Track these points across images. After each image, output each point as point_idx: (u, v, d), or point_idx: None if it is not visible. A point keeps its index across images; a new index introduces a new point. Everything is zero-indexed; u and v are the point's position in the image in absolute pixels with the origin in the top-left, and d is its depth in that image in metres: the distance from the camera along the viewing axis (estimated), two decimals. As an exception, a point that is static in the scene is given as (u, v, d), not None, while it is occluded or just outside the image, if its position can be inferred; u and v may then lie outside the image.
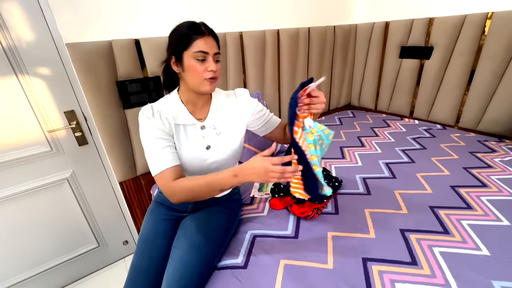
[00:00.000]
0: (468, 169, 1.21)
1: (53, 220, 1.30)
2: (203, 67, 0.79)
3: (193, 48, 0.77)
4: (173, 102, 0.88)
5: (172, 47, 0.80)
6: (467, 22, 1.52)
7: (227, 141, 0.91)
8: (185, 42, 0.77)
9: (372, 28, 1.99)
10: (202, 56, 0.78)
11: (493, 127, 1.57)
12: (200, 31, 0.78)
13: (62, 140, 1.22)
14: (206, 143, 0.89)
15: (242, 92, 0.97)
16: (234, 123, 0.94)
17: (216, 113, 0.91)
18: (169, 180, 0.78)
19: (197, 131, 0.88)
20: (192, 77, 0.80)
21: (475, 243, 0.81)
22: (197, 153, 0.88)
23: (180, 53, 0.79)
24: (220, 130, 0.91)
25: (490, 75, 1.51)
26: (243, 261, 0.83)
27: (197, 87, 0.82)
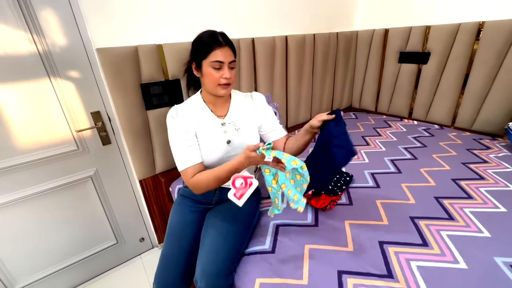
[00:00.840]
0: (466, 164, 1.32)
1: (76, 217, 1.36)
2: (219, 74, 0.89)
3: (210, 57, 0.88)
4: (196, 103, 0.99)
5: (193, 54, 0.92)
6: (461, 30, 1.65)
7: (245, 136, 1.01)
8: (204, 52, 0.88)
9: (372, 35, 2.11)
10: (218, 65, 0.89)
11: (486, 127, 1.70)
12: (218, 42, 0.88)
13: (88, 140, 1.28)
14: (227, 137, 0.98)
15: (258, 95, 1.07)
16: (250, 120, 1.04)
17: (234, 111, 1.01)
18: (191, 176, 0.92)
19: (218, 127, 0.98)
20: (208, 82, 0.92)
21: (477, 227, 0.91)
22: (219, 147, 0.97)
23: (199, 61, 0.90)
24: (239, 126, 1.01)
25: (483, 79, 1.64)
26: (270, 246, 0.91)
27: (213, 91, 0.93)
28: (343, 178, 1.20)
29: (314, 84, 2.08)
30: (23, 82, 1.07)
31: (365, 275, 0.76)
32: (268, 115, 1.07)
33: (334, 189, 1.12)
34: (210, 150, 0.96)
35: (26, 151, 1.14)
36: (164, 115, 1.37)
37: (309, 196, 1.10)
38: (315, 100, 2.15)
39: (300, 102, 2.03)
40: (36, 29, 1.04)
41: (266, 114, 1.06)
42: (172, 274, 0.96)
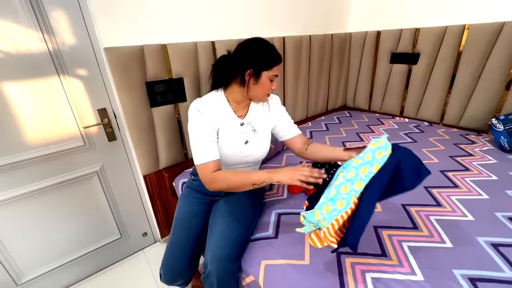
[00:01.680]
0: (453, 157, 1.41)
1: (82, 212, 1.39)
2: (271, 85, 0.97)
3: (272, 71, 0.94)
4: (219, 101, 1.01)
5: (255, 62, 0.91)
6: (448, 32, 1.75)
7: (261, 137, 1.07)
8: (268, 64, 0.92)
9: (365, 37, 2.21)
10: (274, 78, 0.96)
11: (472, 123, 1.80)
12: (279, 59, 0.95)
13: (94, 136, 1.32)
14: (245, 138, 1.03)
15: (275, 99, 1.13)
16: (266, 122, 1.09)
17: (253, 113, 1.06)
18: (211, 171, 0.92)
19: (237, 127, 1.02)
20: (261, 92, 0.97)
21: (462, 212, 1.00)
22: (237, 147, 1.02)
23: (260, 71, 0.92)
24: (256, 128, 1.06)
25: (469, 78, 1.74)
26: (273, 233, 0.98)
27: (257, 98, 1.00)
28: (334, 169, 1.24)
29: (310, 84, 2.16)
30: (34, 79, 1.11)
31: (361, 255, 0.84)
32: (282, 116, 1.13)
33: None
34: (228, 149, 1.00)
35: (35, 146, 1.17)
36: (167, 112, 1.43)
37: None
38: (311, 100, 2.23)
39: (296, 101, 2.10)
40: (47, 29, 1.08)
41: (280, 116, 1.12)
42: (179, 260, 1.02)
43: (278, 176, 0.86)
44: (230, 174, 0.91)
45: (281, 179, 0.85)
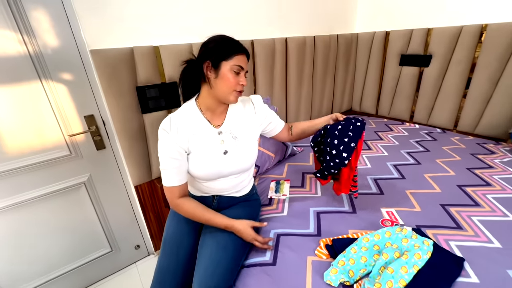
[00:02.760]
0: (471, 170, 1.28)
1: (68, 225, 1.30)
2: (236, 80, 0.85)
3: (233, 61, 0.83)
4: (191, 112, 0.91)
5: (211, 52, 0.83)
6: (463, 33, 1.63)
7: (243, 145, 0.96)
8: (227, 53, 0.83)
9: (373, 37, 2.09)
10: (238, 70, 0.85)
11: (489, 130, 1.67)
12: (242, 49, 0.85)
13: (81, 144, 1.23)
14: (224, 148, 0.93)
15: (257, 98, 1.04)
16: (249, 127, 0.99)
17: (232, 119, 0.96)
18: (176, 196, 0.90)
19: (215, 137, 0.92)
20: (224, 86, 0.85)
21: (486, 237, 0.88)
22: (215, 158, 0.92)
23: (218, 61, 0.83)
24: (236, 135, 0.95)
25: (486, 83, 1.61)
26: (271, 258, 0.87)
27: (225, 96, 0.87)
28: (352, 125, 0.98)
29: (314, 87, 2.05)
30: (12, 84, 1.02)
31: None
32: (267, 114, 1.05)
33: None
34: (206, 162, 0.91)
35: (16, 156, 1.09)
36: (160, 118, 1.33)
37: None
38: (315, 103, 2.12)
39: (300, 105, 1.99)
40: (27, 29, 0.99)
41: (265, 118, 1.04)
42: (169, 286, 0.91)
43: (237, 232, 0.89)
44: (194, 210, 0.90)
45: (239, 235, 0.90)
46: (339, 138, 0.92)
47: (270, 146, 1.44)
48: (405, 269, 0.74)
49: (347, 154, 0.91)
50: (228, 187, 0.99)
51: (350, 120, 0.94)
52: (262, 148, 1.42)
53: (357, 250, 0.82)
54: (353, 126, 0.92)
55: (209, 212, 0.91)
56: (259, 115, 1.02)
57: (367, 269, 0.78)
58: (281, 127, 1.09)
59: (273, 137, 1.12)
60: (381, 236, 0.86)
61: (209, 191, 1.00)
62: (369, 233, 0.88)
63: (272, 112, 1.08)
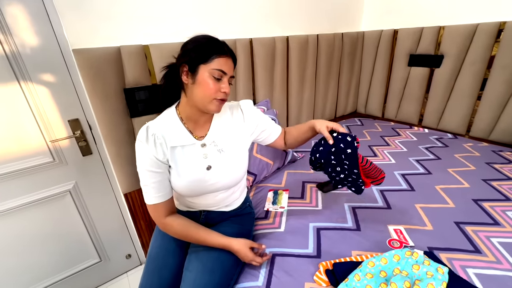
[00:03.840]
0: (487, 181, 1.17)
1: (54, 234, 1.23)
2: (217, 86, 0.74)
3: (212, 64, 0.72)
4: (170, 121, 0.80)
5: (188, 55, 0.73)
6: (479, 31, 1.51)
7: (229, 159, 0.85)
8: (205, 55, 0.72)
9: (380, 36, 1.97)
10: (219, 75, 0.73)
11: (506, 137, 1.55)
12: (223, 50, 0.73)
13: (65, 150, 1.15)
14: (207, 163, 0.82)
15: (247, 104, 0.92)
16: (237, 138, 0.88)
17: (217, 129, 0.85)
18: (162, 215, 0.82)
19: (197, 150, 0.82)
20: (201, 93, 0.74)
21: (510, 264, 0.77)
22: (197, 175, 0.81)
23: (195, 65, 0.72)
24: (222, 147, 0.84)
25: (503, 85, 1.49)
26: (264, 283, 0.78)
27: (203, 104, 0.76)
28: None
29: (317, 88, 1.94)
30: (-13, 87, 0.95)
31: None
32: (260, 121, 0.93)
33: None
34: (187, 179, 0.80)
35: (-8, 164, 1.01)
36: (151, 123, 1.25)
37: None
38: (317, 106, 2.01)
39: (301, 107, 1.89)
40: (2, 27, 0.91)
41: (257, 126, 0.92)
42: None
43: (235, 251, 0.82)
44: (186, 229, 0.82)
45: (237, 254, 0.82)
46: (339, 164, 0.87)
47: (268, 153, 1.35)
48: None
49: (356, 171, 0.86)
50: (216, 202, 0.90)
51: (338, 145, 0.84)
52: (259, 155, 1.32)
53: (361, 277, 0.73)
54: (345, 155, 0.83)
55: (204, 231, 0.83)
56: (249, 124, 0.90)
57: None
58: (277, 134, 0.97)
59: (268, 145, 1.00)
60: (388, 261, 0.77)
61: (196, 206, 0.91)
62: (375, 257, 0.78)
63: (266, 118, 0.96)
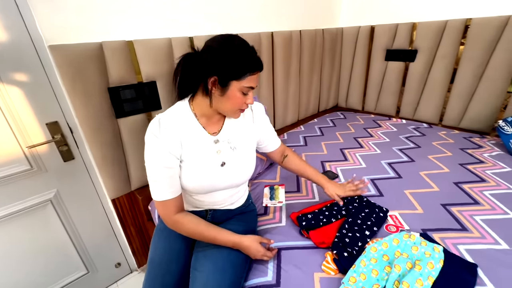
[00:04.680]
0: (464, 165, 1.28)
1: (35, 248, 1.13)
2: (244, 99, 0.76)
3: (245, 82, 0.72)
4: (184, 115, 0.79)
5: (221, 68, 0.70)
6: (448, 27, 1.63)
7: (242, 156, 0.86)
8: (239, 73, 0.71)
9: (358, 32, 2.05)
10: (248, 91, 0.75)
11: (474, 124, 1.70)
12: (256, 67, 0.73)
13: (44, 156, 1.06)
14: (221, 159, 0.82)
15: (257, 105, 0.94)
16: (248, 136, 0.90)
17: (230, 127, 0.86)
18: (172, 212, 0.79)
19: (211, 146, 0.81)
20: (228, 105, 0.76)
21: (493, 238, 0.85)
22: (211, 170, 0.81)
23: (227, 80, 0.71)
24: (235, 145, 0.85)
25: (470, 77, 1.63)
26: (274, 278, 0.78)
27: (227, 112, 0.79)
28: (374, 215, 0.96)
29: (301, 84, 1.97)
30: (-51, 88, 0.83)
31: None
32: (266, 127, 0.97)
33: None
34: (201, 174, 0.80)
35: (-41, 175, 0.90)
36: (138, 123, 1.19)
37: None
38: (302, 101, 2.05)
39: (287, 103, 1.92)
40: (-36, 21, 0.81)
41: (265, 127, 0.96)
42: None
43: (244, 251, 0.81)
44: (197, 226, 0.80)
45: (246, 251, 0.81)
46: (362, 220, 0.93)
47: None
48: (421, 282, 0.68)
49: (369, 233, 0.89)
50: (223, 199, 0.89)
51: (373, 208, 0.99)
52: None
53: (367, 262, 0.76)
54: (376, 216, 0.95)
55: (214, 229, 0.82)
56: (258, 125, 0.93)
57: (380, 285, 0.72)
58: (274, 147, 1.03)
59: (267, 154, 1.06)
60: (389, 245, 0.81)
61: (201, 205, 0.89)
62: (376, 242, 0.82)
63: (271, 128, 1.00)
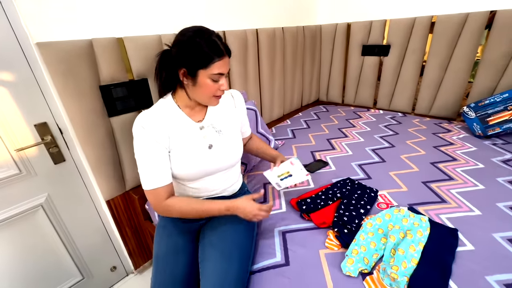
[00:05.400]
0: (437, 148, 1.43)
1: (26, 256, 1.08)
2: (216, 86, 0.79)
3: (212, 69, 0.75)
4: (168, 108, 0.83)
5: (187, 60, 0.74)
6: (416, 24, 1.78)
7: (228, 138, 0.91)
8: (204, 62, 0.74)
9: (336, 29, 2.16)
10: (218, 78, 0.77)
11: (442, 111, 1.88)
12: (220, 53, 0.75)
13: (33, 160, 1.01)
14: (208, 142, 0.87)
15: (237, 93, 1.00)
16: (231, 120, 0.95)
17: (214, 113, 0.91)
18: (163, 199, 0.80)
19: (197, 132, 0.86)
20: (202, 94, 0.80)
21: (468, 207, 0.97)
22: (200, 154, 0.85)
23: (195, 70, 0.75)
24: (220, 128, 0.90)
25: (437, 69, 1.80)
26: (282, 258, 0.83)
27: (203, 100, 0.83)
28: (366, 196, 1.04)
29: (286, 79, 2.04)
30: None
31: (389, 273, 0.74)
32: (244, 117, 1.03)
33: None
34: (190, 159, 0.84)
35: None
36: (131, 121, 1.14)
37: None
38: (287, 95, 2.12)
39: (273, 98, 1.97)
40: None
41: (244, 114, 1.02)
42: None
43: (239, 213, 0.82)
44: (189, 205, 0.82)
45: (241, 216, 0.82)
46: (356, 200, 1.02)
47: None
48: (413, 248, 0.77)
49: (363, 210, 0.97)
50: (216, 185, 0.92)
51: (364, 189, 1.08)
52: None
53: (365, 236, 0.84)
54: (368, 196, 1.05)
55: (207, 202, 0.83)
56: (239, 111, 0.98)
57: (378, 254, 0.80)
58: (247, 134, 1.09)
59: None
60: (382, 219, 0.89)
61: (196, 193, 0.92)
62: (371, 218, 0.91)
63: (246, 117, 1.06)
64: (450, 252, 0.78)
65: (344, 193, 1.06)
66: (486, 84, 1.65)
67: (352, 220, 0.91)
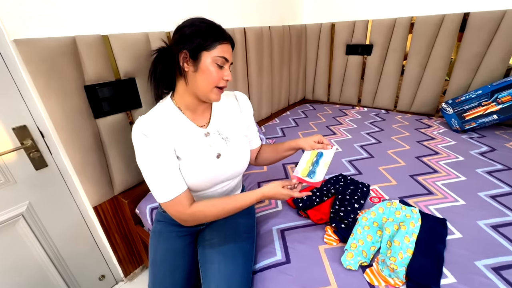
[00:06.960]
0: (420, 142, 1.50)
1: (8, 269, 1.00)
2: (220, 74, 0.73)
3: (216, 51, 0.71)
4: (169, 111, 0.77)
5: (189, 41, 0.69)
6: (397, 24, 1.86)
7: (236, 146, 0.85)
8: (208, 42, 0.70)
9: (320, 28, 2.20)
10: (222, 62, 0.72)
11: (422, 108, 1.98)
12: (225, 37, 0.73)
13: (11, 166, 0.94)
14: (215, 151, 0.81)
15: (242, 95, 0.93)
16: (237, 127, 0.88)
17: (218, 117, 0.84)
18: (187, 206, 0.74)
19: (202, 139, 0.79)
20: (204, 81, 0.72)
21: (453, 197, 1.03)
22: (208, 164, 0.79)
23: (197, 51, 0.70)
24: (226, 135, 0.84)
25: (417, 67, 1.89)
26: (283, 256, 0.83)
27: (204, 93, 0.74)
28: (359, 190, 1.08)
29: (273, 78, 2.05)
30: None
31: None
32: (252, 120, 0.95)
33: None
34: (198, 169, 0.77)
35: None
36: (119, 122, 1.13)
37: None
38: (274, 94, 2.13)
39: (261, 97, 1.98)
40: None
41: (251, 119, 0.94)
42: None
43: (272, 196, 0.79)
44: (215, 207, 0.75)
45: (274, 198, 0.81)
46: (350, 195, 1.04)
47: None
48: (408, 239, 0.81)
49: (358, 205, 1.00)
50: (223, 192, 0.90)
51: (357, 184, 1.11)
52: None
53: (361, 230, 0.86)
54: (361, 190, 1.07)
55: (234, 198, 0.77)
56: (245, 115, 0.91)
57: (375, 246, 0.82)
58: (257, 144, 0.99)
59: None
60: (376, 213, 0.92)
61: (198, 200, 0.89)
62: (365, 212, 0.93)
63: (254, 123, 0.98)
64: (441, 241, 0.82)
65: (338, 189, 1.08)
66: (462, 82, 1.76)
67: (348, 215, 0.93)
